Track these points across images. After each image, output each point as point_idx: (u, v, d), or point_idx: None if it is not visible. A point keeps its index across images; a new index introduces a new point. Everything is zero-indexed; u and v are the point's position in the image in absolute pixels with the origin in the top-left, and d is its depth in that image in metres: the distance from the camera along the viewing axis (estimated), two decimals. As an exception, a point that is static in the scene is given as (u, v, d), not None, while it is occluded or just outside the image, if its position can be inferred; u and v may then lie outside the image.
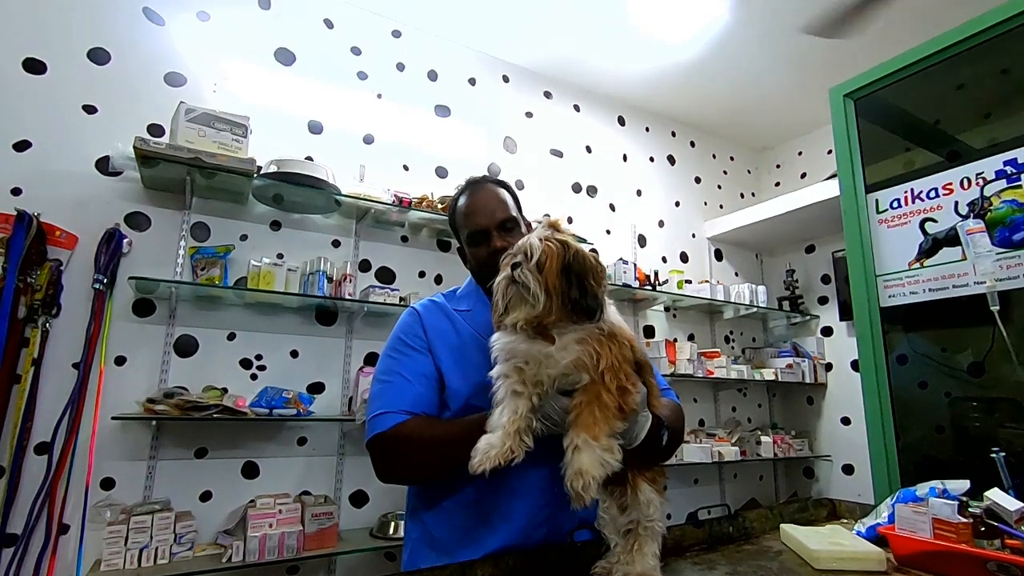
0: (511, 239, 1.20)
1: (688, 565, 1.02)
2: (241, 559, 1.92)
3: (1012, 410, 1.80)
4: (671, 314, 3.61)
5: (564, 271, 0.88)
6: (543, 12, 2.85)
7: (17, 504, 1.82)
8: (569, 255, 0.90)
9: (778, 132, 4.11)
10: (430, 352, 1.15)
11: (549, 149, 3.34)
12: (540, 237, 0.91)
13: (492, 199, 1.24)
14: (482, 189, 1.26)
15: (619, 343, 0.89)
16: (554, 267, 0.87)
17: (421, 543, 1.14)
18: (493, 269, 1.17)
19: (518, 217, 1.26)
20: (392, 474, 1.11)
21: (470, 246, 1.24)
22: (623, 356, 0.89)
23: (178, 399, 1.96)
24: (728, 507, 1.27)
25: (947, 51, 1.73)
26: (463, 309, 1.23)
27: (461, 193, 1.28)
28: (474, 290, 1.28)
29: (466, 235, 1.24)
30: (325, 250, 2.52)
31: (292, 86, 2.60)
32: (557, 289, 0.87)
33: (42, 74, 2.09)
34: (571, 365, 0.85)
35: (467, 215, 1.23)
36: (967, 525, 0.97)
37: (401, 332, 1.18)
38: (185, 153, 1.99)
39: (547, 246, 0.89)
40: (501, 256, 1.12)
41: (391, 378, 1.12)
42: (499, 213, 1.21)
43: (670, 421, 1.04)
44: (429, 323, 1.19)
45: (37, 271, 1.92)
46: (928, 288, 1.72)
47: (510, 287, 0.89)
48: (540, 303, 0.86)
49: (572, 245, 0.91)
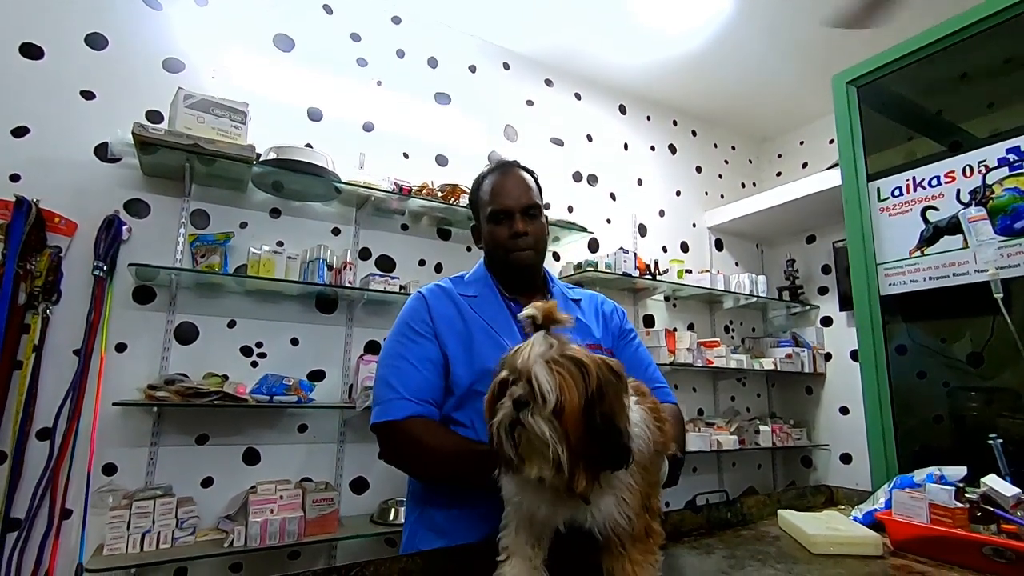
0: (532, 226, 1.23)
1: (686, 550, 1.03)
2: (243, 544, 1.94)
3: (1011, 400, 1.81)
4: (671, 304, 3.61)
5: (587, 410, 0.64)
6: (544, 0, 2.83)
7: (20, 489, 1.83)
8: (592, 387, 0.64)
9: (780, 122, 4.09)
10: (436, 338, 1.16)
11: (550, 138, 3.33)
12: (547, 359, 0.65)
13: (521, 183, 1.26)
14: (511, 171, 1.28)
15: (646, 464, 0.73)
16: (576, 413, 0.63)
17: (420, 525, 1.16)
18: (509, 249, 1.22)
19: (541, 206, 1.28)
20: (396, 464, 1.14)
21: (490, 223, 1.25)
22: (652, 481, 0.75)
23: (179, 386, 1.97)
24: (726, 493, 1.28)
25: (951, 38, 1.72)
26: (470, 295, 1.24)
27: (489, 172, 1.29)
28: (482, 276, 1.29)
29: (488, 212, 1.25)
30: (325, 238, 2.51)
31: (291, 73, 2.58)
32: (583, 441, 0.64)
33: (39, 59, 2.07)
34: (604, 526, 0.70)
35: (493, 194, 1.25)
36: (963, 510, 0.97)
37: (407, 317, 1.19)
38: (184, 139, 1.98)
39: (562, 381, 0.63)
40: (518, 237, 1.20)
41: (398, 363, 1.13)
42: (525, 198, 1.24)
43: (679, 443, 1.06)
44: (435, 308, 1.19)
45: (37, 258, 1.92)
46: (929, 276, 1.71)
47: (519, 431, 0.65)
48: (565, 464, 0.63)
49: (591, 368, 0.65)
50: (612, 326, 1.33)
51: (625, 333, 1.34)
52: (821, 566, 0.93)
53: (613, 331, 1.32)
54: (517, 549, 0.75)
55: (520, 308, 1.25)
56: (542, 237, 1.27)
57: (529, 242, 1.23)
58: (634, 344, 1.34)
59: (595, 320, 1.31)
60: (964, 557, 0.93)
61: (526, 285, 1.29)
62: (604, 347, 1.27)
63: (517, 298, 1.27)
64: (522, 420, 0.64)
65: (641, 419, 0.73)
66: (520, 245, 1.22)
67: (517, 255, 1.23)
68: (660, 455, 0.77)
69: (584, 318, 1.29)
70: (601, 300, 1.38)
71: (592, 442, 0.64)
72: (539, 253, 1.27)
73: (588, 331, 1.27)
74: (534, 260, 1.26)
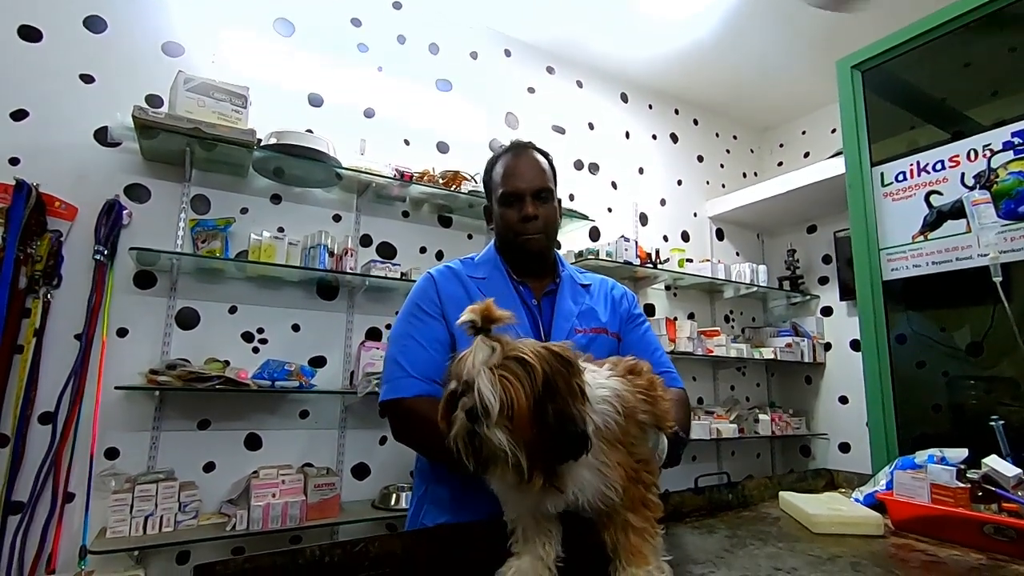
0: (543, 209, 1.23)
1: (687, 530, 1.04)
2: (245, 528, 1.95)
3: (1010, 389, 1.81)
4: (672, 292, 3.61)
5: (537, 408, 0.63)
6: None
7: (23, 473, 1.84)
8: (538, 385, 0.63)
9: (782, 111, 4.07)
10: (444, 319, 1.17)
11: (551, 125, 3.31)
12: (490, 365, 0.63)
13: (534, 166, 1.25)
14: (525, 153, 1.27)
15: (629, 435, 0.73)
16: (526, 416, 0.62)
17: (425, 499, 1.18)
18: (518, 233, 1.22)
19: (553, 190, 1.27)
20: (405, 442, 1.16)
21: (501, 205, 1.25)
22: (640, 453, 0.74)
23: (180, 370, 1.97)
24: (727, 475, 1.28)
25: (956, 21, 1.71)
26: (479, 277, 1.25)
27: (503, 153, 1.29)
28: (492, 257, 1.29)
29: (500, 194, 1.25)
30: (326, 224, 2.51)
31: (292, 57, 2.56)
32: (537, 438, 0.63)
33: (38, 42, 2.06)
34: (594, 502, 0.70)
35: (506, 175, 1.24)
36: (965, 490, 0.98)
37: (416, 297, 1.21)
38: (185, 123, 1.97)
39: (504, 384, 0.62)
40: (527, 221, 1.20)
41: (406, 342, 1.15)
42: (537, 181, 1.24)
43: (682, 424, 1.06)
44: (444, 289, 1.20)
45: (37, 242, 1.91)
46: (931, 261, 1.71)
47: (477, 440, 0.64)
48: (524, 466, 0.63)
49: (536, 366, 0.64)
50: (621, 311, 1.33)
51: (634, 318, 1.34)
52: (823, 545, 0.93)
53: (622, 315, 1.33)
54: (528, 550, 0.74)
55: (529, 291, 1.26)
56: (553, 222, 1.27)
57: (539, 226, 1.23)
58: (642, 329, 1.34)
59: (604, 304, 1.31)
60: (965, 536, 0.94)
61: (535, 268, 1.29)
62: (610, 331, 1.27)
63: (526, 281, 1.27)
64: (478, 431, 0.63)
65: (612, 393, 0.73)
66: (530, 229, 1.22)
67: (526, 239, 1.23)
68: (643, 426, 0.77)
69: (592, 302, 1.30)
70: (611, 285, 1.38)
71: (548, 438, 0.63)
72: (549, 238, 1.27)
73: (595, 315, 1.28)
74: (544, 244, 1.26)
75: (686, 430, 1.16)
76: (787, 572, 0.80)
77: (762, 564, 0.83)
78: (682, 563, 0.80)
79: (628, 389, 0.76)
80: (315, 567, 0.76)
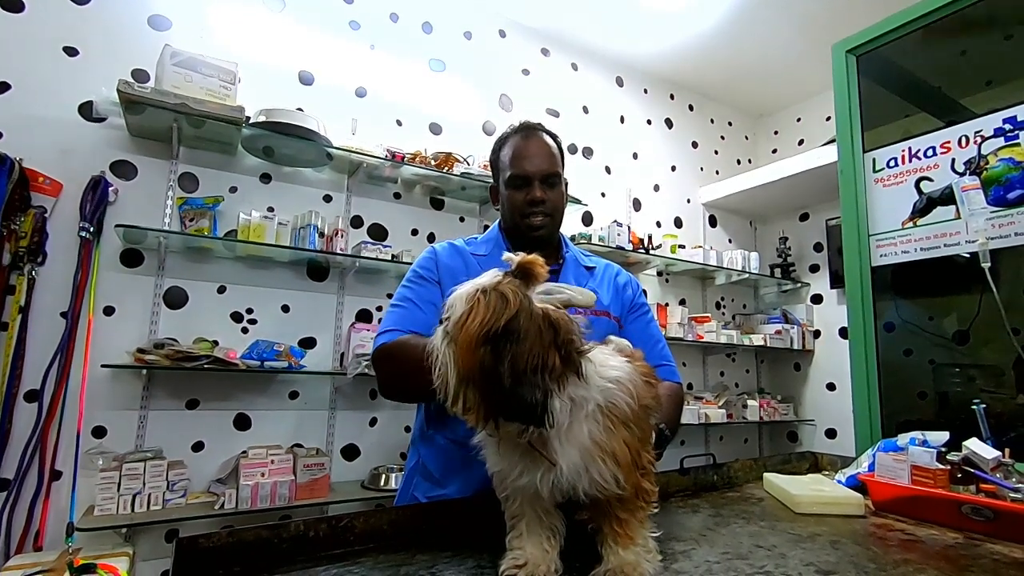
0: (551, 194, 1.23)
1: (673, 509, 1.05)
2: (234, 506, 1.95)
3: (994, 376, 1.83)
4: (663, 278, 3.62)
5: (490, 342, 0.58)
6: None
7: (9, 450, 1.83)
8: (500, 321, 0.58)
9: (777, 98, 4.05)
10: (439, 285, 1.18)
11: (545, 108, 3.28)
12: (478, 287, 0.62)
13: (543, 149, 1.24)
14: (535, 136, 1.26)
15: (631, 419, 0.68)
16: (472, 335, 0.58)
17: (415, 471, 1.20)
18: (524, 216, 1.22)
19: (561, 174, 1.26)
20: (386, 386, 1.14)
21: (509, 188, 1.24)
22: (641, 437, 0.70)
23: (168, 349, 1.96)
24: (713, 456, 1.29)
25: (951, 6, 1.69)
26: (480, 254, 1.25)
27: (512, 134, 1.27)
28: (495, 236, 1.29)
29: (507, 176, 1.24)
30: (316, 204, 2.48)
31: (282, 33, 2.51)
32: (474, 373, 0.59)
33: (20, 12, 2.01)
34: (591, 490, 0.66)
35: (514, 157, 1.23)
36: (944, 471, 0.99)
37: (417, 265, 1.23)
38: (172, 99, 1.93)
39: (474, 306, 0.59)
40: (534, 205, 1.20)
41: (403, 303, 1.16)
42: (545, 165, 1.22)
43: (671, 420, 1.07)
44: (443, 261, 1.22)
45: (21, 217, 1.89)
46: (920, 247, 1.72)
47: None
48: (450, 392, 0.61)
49: (513, 301, 0.60)
50: (625, 298, 1.33)
51: (637, 307, 1.34)
52: (804, 524, 0.94)
53: (625, 303, 1.32)
54: (531, 545, 0.71)
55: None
56: (560, 206, 1.26)
57: (546, 210, 1.22)
58: (645, 319, 1.33)
59: (607, 289, 1.31)
60: (943, 516, 0.95)
61: (538, 250, 1.28)
62: (612, 315, 1.27)
63: None
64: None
65: (626, 376, 0.70)
66: (536, 213, 1.22)
67: (532, 222, 1.22)
68: (647, 410, 0.76)
69: (595, 284, 1.29)
70: (617, 271, 1.38)
71: (497, 384, 0.58)
72: (556, 222, 1.27)
73: (597, 298, 1.27)
74: (550, 229, 1.25)
75: (673, 427, 1.15)
76: (768, 549, 0.81)
77: (744, 542, 0.84)
78: (665, 541, 0.81)
79: (637, 376, 0.74)
80: (300, 542, 0.77)
